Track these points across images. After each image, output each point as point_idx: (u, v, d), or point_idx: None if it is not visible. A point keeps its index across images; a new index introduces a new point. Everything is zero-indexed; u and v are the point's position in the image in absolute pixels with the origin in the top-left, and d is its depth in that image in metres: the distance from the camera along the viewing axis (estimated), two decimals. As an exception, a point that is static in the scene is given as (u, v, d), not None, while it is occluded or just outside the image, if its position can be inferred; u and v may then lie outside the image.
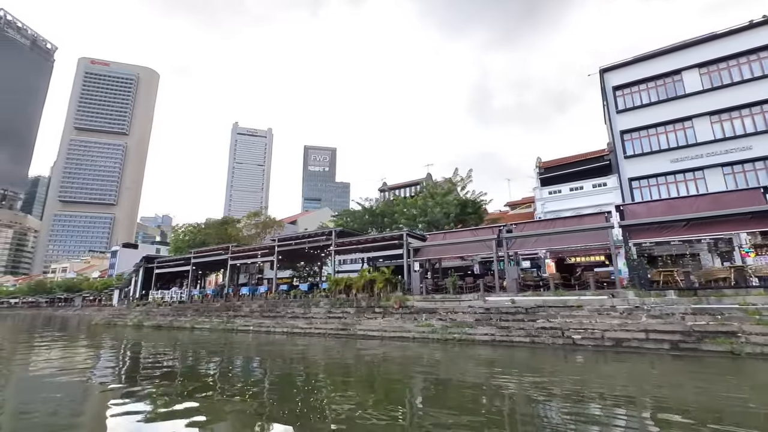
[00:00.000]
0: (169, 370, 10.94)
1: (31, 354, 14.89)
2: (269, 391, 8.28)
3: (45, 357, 13.85)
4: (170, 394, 7.85)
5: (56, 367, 11.43)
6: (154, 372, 10.74)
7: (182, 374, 10.27)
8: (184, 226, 41.67)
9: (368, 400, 7.24)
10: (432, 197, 24.88)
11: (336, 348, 14.65)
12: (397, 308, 17.43)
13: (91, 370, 11.06)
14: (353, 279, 19.80)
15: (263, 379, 9.71)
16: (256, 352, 14.42)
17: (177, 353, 14.56)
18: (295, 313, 20.61)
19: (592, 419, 5.92)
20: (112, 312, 32.32)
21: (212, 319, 23.77)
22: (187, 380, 9.38)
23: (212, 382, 9.22)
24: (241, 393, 7.94)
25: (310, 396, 7.63)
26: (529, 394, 7.36)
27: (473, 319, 15.18)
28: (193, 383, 9.03)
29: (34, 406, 7.15)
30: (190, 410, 6.64)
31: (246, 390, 8.22)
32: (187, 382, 9.10)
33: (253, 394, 7.87)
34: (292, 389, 8.17)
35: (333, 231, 22.00)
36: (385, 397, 7.57)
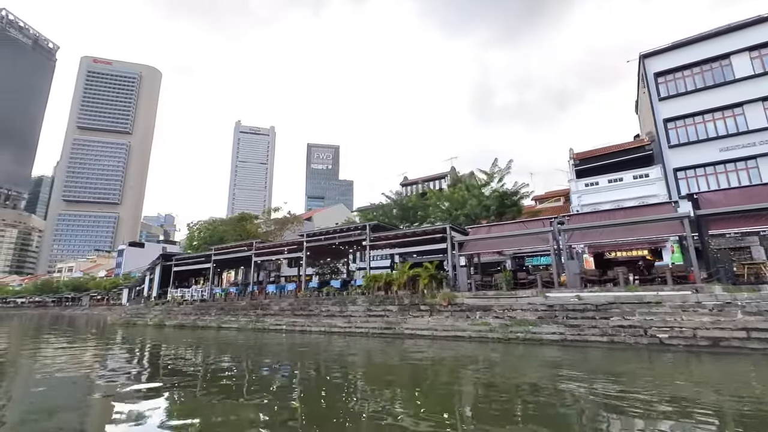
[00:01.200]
0: (214, 373, 9.91)
1: (67, 356, 13.88)
2: (327, 399, 7.22)
3: (81, 360, 12.84)
4: (228, 398, 6.81)
5: (101, 373, 10.42)
6: (202, 374, 9.70)
7: (231, 378, 9.23)
8: (199, 222, 40.66)
9: (433, 409, 6.18)
10: (468, 189, 23.79)
11: (384, 348, 13.65)
12: (445, 306, 16.36)
13: (133, 374, 10.02)
14: (394, 275, 18.74)
15: (315, 384, 8.65)
16: (299, 354, 13.37)
17: (216, 355, 13.53)
18: (330, 312, 19.56)
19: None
20: (129, 311, 31.33)
21: (239, 318, 22.75)
22: (237, 385, 8.33)
23: (266, 387, 8.17)
24: (296, 398, 6.90)
25: (369, 404, 6.57)
26: (615, 404, 6.23)
27: (535, 317, 14.10)
28: (246, 388, 7.99)
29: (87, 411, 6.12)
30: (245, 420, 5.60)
31: (299, 396, 7.17)
32: (237, 388, 8.05)
33: (307, 399, 6.81)
34: (351, 396, 7.12)
35: (367, 225, 20.91)
36: (450, 406, 6.52)
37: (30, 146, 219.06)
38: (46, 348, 16.43)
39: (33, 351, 15.20)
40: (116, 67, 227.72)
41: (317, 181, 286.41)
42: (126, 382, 8.97)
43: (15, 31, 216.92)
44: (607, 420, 5.59)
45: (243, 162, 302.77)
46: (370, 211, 30.56)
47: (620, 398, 6.48)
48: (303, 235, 23.56)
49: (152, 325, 26.14)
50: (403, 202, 27.18)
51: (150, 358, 13.52)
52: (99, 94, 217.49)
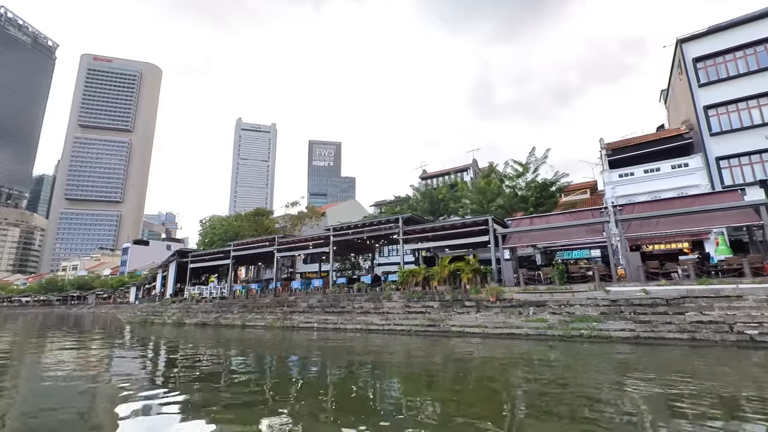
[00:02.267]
0: (253, 377, 9.00)
1: (93, 359, 12.98)
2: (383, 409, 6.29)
3: (113, 365, 11.94)
4: (274, 405, 5.90)
5: (137, 378, 9.52)
6: (242, 380, 8.78)
7: (275, 382, 8.31)
8: (212, 218, 39.70)
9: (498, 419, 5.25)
10: (502, 180, 22.83)
11: (431, 348, 12.74)
12: (493, 301, 15.45)
13: (172, 380, 9.11)
14: (433, 270, 17.80)
15: (372, 388, 7.73)
16: (341, 354, 12.45)
17: (251, 355, 12.63)
18: (364, 308, 18.66)
19: None
20: (145, 309, 30.43)
21: (265, 315, 21.85)
22: (281, 390, 7.42)
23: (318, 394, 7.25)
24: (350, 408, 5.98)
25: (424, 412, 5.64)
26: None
27: (597, 312, 13.18)
28: (292, 394, 7.07)
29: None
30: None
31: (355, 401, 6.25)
32: (282, 393, 7.14)
33: (363, 408, 5.89)
34: (408, 404, 6.20)
35: (399, 218, 19.96)
36: (517, 414, 5.57)
37: (31, 145, 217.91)
38: (68, 350, 15.55)
39: (57, 355, 14.28)
40: (116, 65, 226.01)
41: (319, 178, 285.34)
42: (171, 389, 8.06)
43: (14, 29, 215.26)
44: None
45: (244, 159, 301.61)
46: (393, 205, 29.51)
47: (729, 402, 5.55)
48: (329, 229, 22.59)
49: (171, 324, 25.25)
50: (432, 194, 26.16)
51: (186, 361, 12.60)
52: (100, 92, 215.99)
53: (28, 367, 11.24)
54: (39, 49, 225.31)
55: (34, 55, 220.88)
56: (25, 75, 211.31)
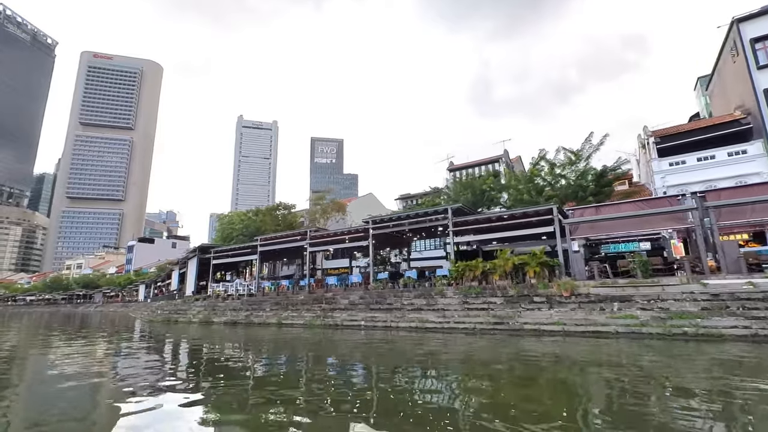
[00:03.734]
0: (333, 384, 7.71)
1: (142, 366, 11.71)
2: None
3: (170, 374, 10.66)
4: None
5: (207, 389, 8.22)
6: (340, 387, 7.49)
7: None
8: (230, 214, 38.40)
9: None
10: (552, 169, 21.53)
11: (507, 348, 11.42)
12: (567, 296, 14.17)
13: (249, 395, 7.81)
14: (493, 263, 16.50)
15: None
16: (410, 355, 11.17)
17: (313, 359, 11.34)
18: (415, 305, 17.38)
19: None
20: (167, 308, 29.13)
21: (302, 313, 20.57)
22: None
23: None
24: None
25: None
26: None
27: (697, 307, 11.90)
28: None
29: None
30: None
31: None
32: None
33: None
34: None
35: (449, 208, 18.65)
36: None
37: (31, 143, 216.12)
38: (93, 352, 14.27)
39: (91, 361, 12.98)
40: (117, 62, 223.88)
41: (321, 176, 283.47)
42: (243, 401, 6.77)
43: (13, 27, 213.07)
44: None
45: (246, 157, 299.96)
46: (433, 197, 28.07)
47: None
48: (368, 221, 21.27)
49: (198, 323, 23.97)
50: (474, 184, 24.76)
51: (250, 367, 11.31)
52: (100, 90, 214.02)
53: (84, 379, 9.95)
54: (38, 47, 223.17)
55: (34, 53, 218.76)
56: (25, 73, 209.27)
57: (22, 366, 11.27)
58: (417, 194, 35.78)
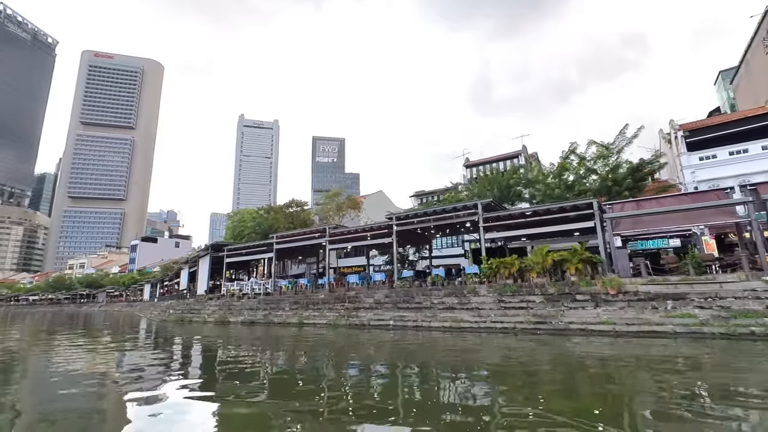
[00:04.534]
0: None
1: (172, 366, 11.00)
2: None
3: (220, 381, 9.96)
4: None
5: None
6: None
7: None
8: (241, 212, 37.68)
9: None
10: (581, 163, 20.81)
11: (554, 349, 10.71)
12: (614, 294, 13.46)
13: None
14: (530, 260, 15.78)
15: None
16: (447, 359, 10.47)
17: (344, 362, 10.62)
18: (447, 304, 16.66)
19: None
20: (179, 307, 28.41)
21: (324, 312, 19.86)
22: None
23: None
24: None
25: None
26: None
27: (762, 306, 11.20)
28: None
29: None
30: None
31: None
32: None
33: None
34: None
35: (479, 203, 17.91)
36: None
37: (32, 143, 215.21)
38: (114, 353, 13.58)
39: (121, 369, 12.27)
40: (118, 61, 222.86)
41: (323, 175, 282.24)
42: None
43: (13, 26, 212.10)
44: None
45: (247, 156, 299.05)
46: (446, 193, 27.29)
47: None
48: (391, 217, 20.54)
49: (213, 323, 23.26)
50: (499, 180, 23.92)
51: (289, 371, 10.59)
52: (101, 89, 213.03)
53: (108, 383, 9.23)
54: (39, 46, 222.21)
55: (34, 53, 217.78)
56: (26, 72, 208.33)
57: (62, 374, 10.55)
58: (431, 191, 35.10)
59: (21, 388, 8.41)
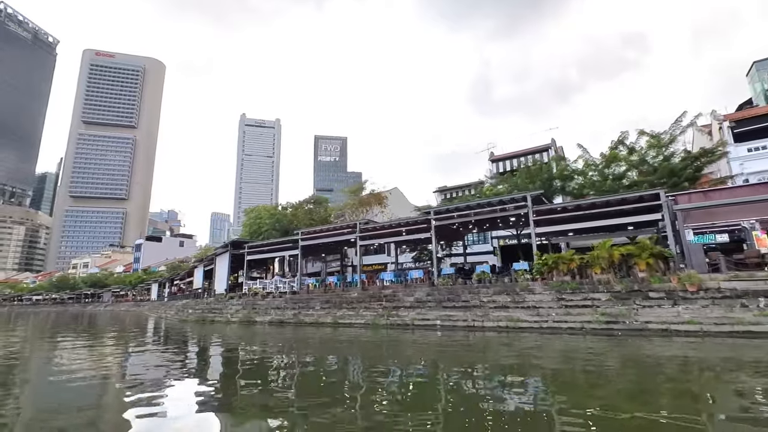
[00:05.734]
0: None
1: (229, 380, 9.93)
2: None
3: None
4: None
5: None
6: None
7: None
8: (257, 208, 36.58)
9: None
10: (631, 152, 19.74)
11: (649, 353, 9.64)
12: (693, 291, 12.38)
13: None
14: (592, 255, 14.69)
15: None
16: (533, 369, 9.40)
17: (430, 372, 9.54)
18: (498, 303, 15.59)
19: None
20: (198, 307, 27.34)
21: (360, 312, 18.78)
22: None
23: None
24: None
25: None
26: None
27: None
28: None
29: None
30: None
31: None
32: None
33: None
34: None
35: (528, 196, 16.83)
36: None
37: (33, 142, 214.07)
38: (152, 361, 12.50)
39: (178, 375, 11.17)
40: (119, 60, 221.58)
41: (325, 174, 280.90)
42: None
43: (14, 25, 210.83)
44: None
45: (248, 155, 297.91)
46: (476, 187, 26.20)
47: None
48: (429, 212, 19.45)
49: (237, 323, 22.19)
50: (539, 173, 22.68)
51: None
52: (103, 88, 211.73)
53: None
54: (40, 46, 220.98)
55: (35, 52, 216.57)
56: (26, 72, 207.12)
57: (99, 383, 9.47)
58: (455, 186, 34.03)
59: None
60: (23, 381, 9.06)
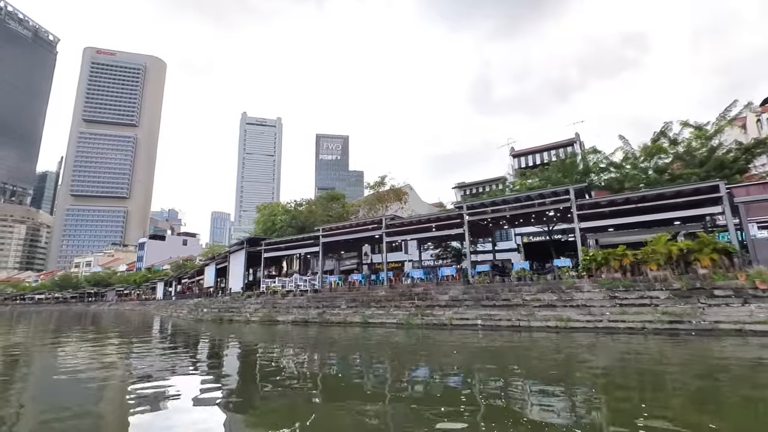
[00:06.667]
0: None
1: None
2: None
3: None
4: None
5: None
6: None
7: None
8: (270, 205, 35.74)
9: None
10: (674, 143, 18.88)
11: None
12: (765, 289, 11.54)
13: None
14: (645, 251, 13.85)
15: None
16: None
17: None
18: (544, 301, 14.75)
19: None
20: (216, 305, 26.46)
21: (390, 311, 17.94)
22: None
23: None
24: None
25: None
26: None
27: None
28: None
29: None
30: None
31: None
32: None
33: None
34: None
35: (570, 189, 15.96)
36: None
37: (33, 141, 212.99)
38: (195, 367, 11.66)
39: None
40: (120, 58, 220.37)
41: (327, 172, 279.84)
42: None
43: (14, 23, 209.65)
44: None
45: (250, 154, 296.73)
46: (497, 182, 25.32)
47: None
48: (461, 207, 18.57)
49: (258, 322, 21.36)
50: (573, 167, 21.76)
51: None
52: (103, 86, 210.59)
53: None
54: (40, 44, 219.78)
55: (36, 50, 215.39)
56: (27, 70, 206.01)
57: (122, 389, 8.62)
58: (475, 182, 33.22)
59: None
60: (62, 408, 8.20)
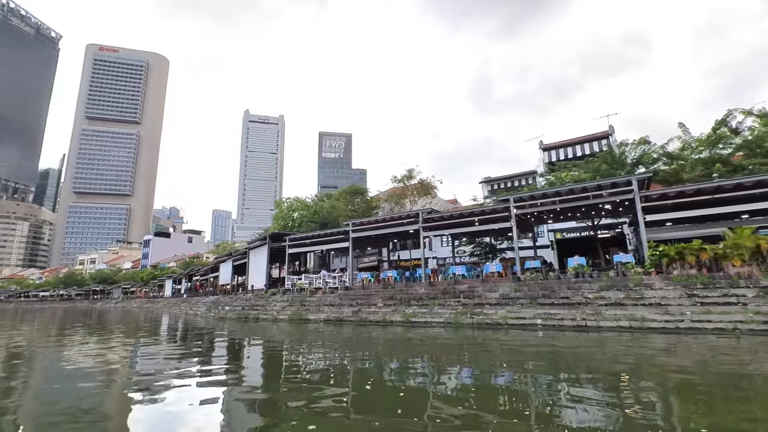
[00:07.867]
0: None
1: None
2: None
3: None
4: None
5: None
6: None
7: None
8: (289, 200, 34.73)
9: None
10: (736, 134, 17.79)
11: None
12: None
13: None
14: (725, 246, 12.77)
15: None
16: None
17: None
18: (609, 299, 13.68)
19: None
20: (239, 303, 25.41)
21: (433, 309, 16.89)
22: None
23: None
24: None
25: None
26: None
27: None
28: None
29: None
30: None
31: None
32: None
33: None
34: None
35: (633, 179, 14.84)
36: None
37: (35, 139, 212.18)
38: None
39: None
40: (123, 55, 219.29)
41: (329, 171, 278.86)
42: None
43: (17, 20, 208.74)
44: None
45: (252, 152, 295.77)
46: (528, 177, 24.16)
47: None
48: (508, 199, 17.47)
49: (287, 320, 20.32)
50: (621, 158, 20.48)
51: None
52: (106, 83, 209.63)
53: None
54: (42, 41, 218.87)
55: (38, 47, 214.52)
56: (29, 67, 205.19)
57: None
58: (502, 177, 32.13)
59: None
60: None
